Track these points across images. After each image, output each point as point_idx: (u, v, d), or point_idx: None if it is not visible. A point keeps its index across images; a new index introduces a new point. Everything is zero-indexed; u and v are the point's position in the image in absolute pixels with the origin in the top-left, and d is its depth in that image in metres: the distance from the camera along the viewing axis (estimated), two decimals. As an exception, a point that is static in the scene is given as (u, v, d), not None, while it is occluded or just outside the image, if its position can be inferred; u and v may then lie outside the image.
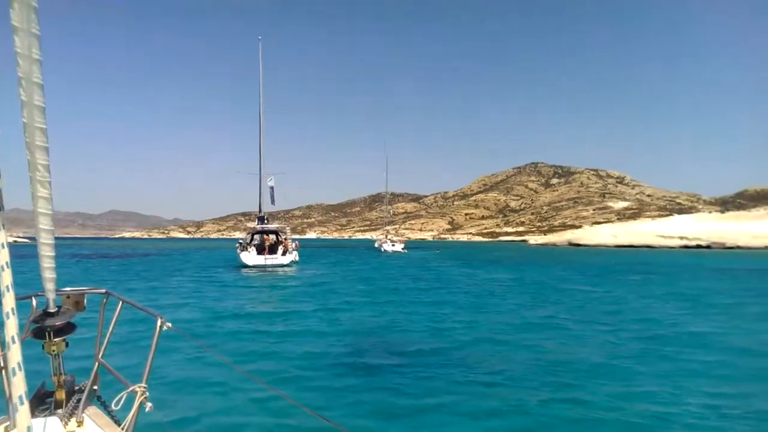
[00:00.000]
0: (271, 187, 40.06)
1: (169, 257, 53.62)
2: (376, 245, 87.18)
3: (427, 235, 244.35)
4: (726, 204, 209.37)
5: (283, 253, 34.71)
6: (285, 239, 37.11)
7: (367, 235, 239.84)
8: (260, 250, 35.02)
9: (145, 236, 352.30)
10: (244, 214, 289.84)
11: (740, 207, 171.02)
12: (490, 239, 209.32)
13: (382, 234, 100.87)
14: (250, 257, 33.85)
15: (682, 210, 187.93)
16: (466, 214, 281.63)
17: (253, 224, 39.45)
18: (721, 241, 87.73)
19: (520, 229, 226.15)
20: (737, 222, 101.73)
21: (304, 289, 22.23)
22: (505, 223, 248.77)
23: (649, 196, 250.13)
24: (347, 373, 8.10)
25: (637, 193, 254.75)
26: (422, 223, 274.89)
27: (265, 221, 39.55)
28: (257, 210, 41.22)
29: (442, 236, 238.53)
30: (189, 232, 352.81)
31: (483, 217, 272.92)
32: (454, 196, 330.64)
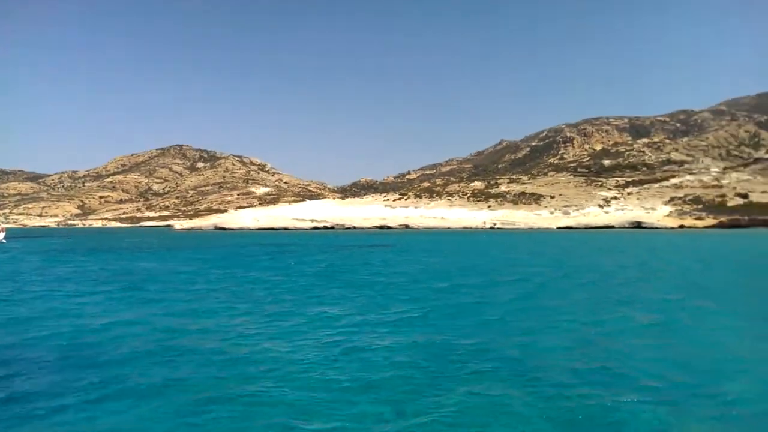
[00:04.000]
0: None
1: None
2: None
3: (51, 221, 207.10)
4: (345, 192, 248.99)
5: None
6: None
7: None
8: None
9: None
10: None
11: (356, 194, 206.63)
12: (131, 225, 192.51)
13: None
14: None
15: (312, 196, 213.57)
16: (101, 197, 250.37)
17: None
18: (342, 223, 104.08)
19: (165, 213, 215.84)
20: (353, 207, 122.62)
21: None
22: (147, 208, 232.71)
23: (286, 183, 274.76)
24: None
25: (276, 180, 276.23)
26: (43, 208, 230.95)
27: None
28: None
29: (71, 222, 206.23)
30: None
31: (122, 201, 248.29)
32: (85, 176, 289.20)
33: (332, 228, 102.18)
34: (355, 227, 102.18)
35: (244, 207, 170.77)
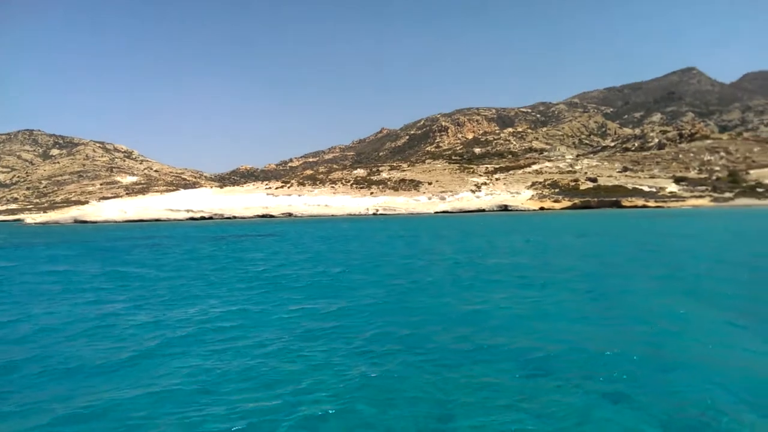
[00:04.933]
0: None
1: None
2: None
3: None
4: (224, 180, 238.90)
5: None
6: None
7: None
8: None
9: None
10: None
11: (235, 183, 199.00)
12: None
13: None
14: None
15: (187, 185, 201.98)
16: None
17: None
18: (221, 213, 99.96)
19: (13, 206, 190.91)
20: (233, 195, 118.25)
21: None
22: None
23: (157, 171, 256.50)
24: None
25: (145, 168, 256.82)
26: None
27: None
28: None
29: None
30: None
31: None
32: None
33: (210, 218, 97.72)
34: (235, 217, 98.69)
35: (109, 198, 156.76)
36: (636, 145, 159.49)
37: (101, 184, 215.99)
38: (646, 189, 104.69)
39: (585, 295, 13.17)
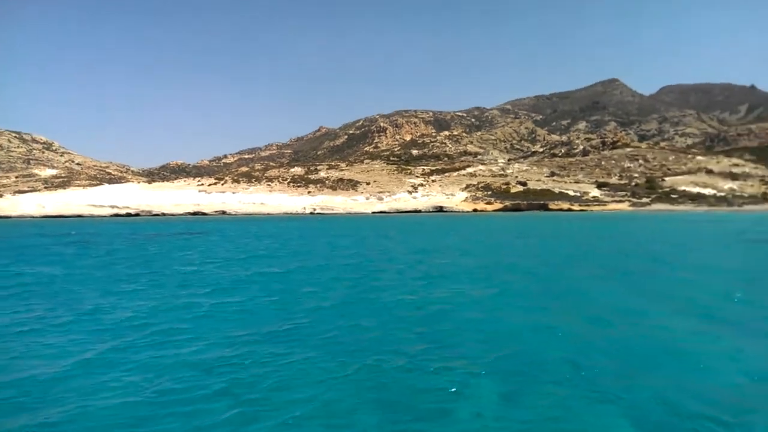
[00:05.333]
0: None
1: None
2: None
3: None
4: (153, 176, 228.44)
5: None
6: None
7: None
8: None
9: None
10: None
11: (165, 179, 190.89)
12: None
13: None
14: None
15: (112, 180, 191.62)
16: None
17: None
18: (149, 209, 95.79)
19: None
20: (162, 191, 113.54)
21: None
22: None
23: (79, 164, 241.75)
24: None
25: (66, 161, 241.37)
26: None
27: None
28: None
29: None
30: None
31: None
32: None
33: (137, 215, 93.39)
34: (164, 214, 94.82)
35: (26, 192, 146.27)
36: (563, 151, 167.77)
37: (17, 177, 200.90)
38: (571, 193, 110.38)
39: (537, 292, 13.82)
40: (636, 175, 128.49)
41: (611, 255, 23.75)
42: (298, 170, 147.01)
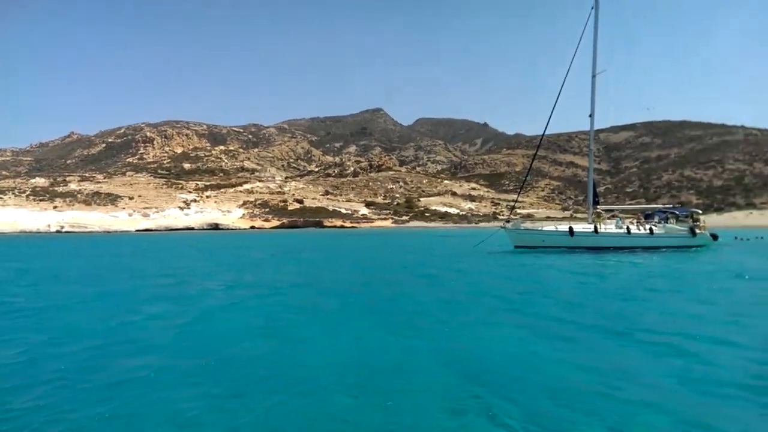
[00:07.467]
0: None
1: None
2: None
3: None
4: None
5: None
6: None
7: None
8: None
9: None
10: None
11: None
12: None
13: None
14: None
15: None
16: None
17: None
18: None
19: None
20: None
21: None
22: None
23: None
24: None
25: None
26: None
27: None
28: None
29: None
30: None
31: None
32: None
33: None
34: None
35: None
36: (336, 171, 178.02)
37: None
38: (343, 211, 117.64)
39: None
40: (398, 195, 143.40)
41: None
42: (40, 181, 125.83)
